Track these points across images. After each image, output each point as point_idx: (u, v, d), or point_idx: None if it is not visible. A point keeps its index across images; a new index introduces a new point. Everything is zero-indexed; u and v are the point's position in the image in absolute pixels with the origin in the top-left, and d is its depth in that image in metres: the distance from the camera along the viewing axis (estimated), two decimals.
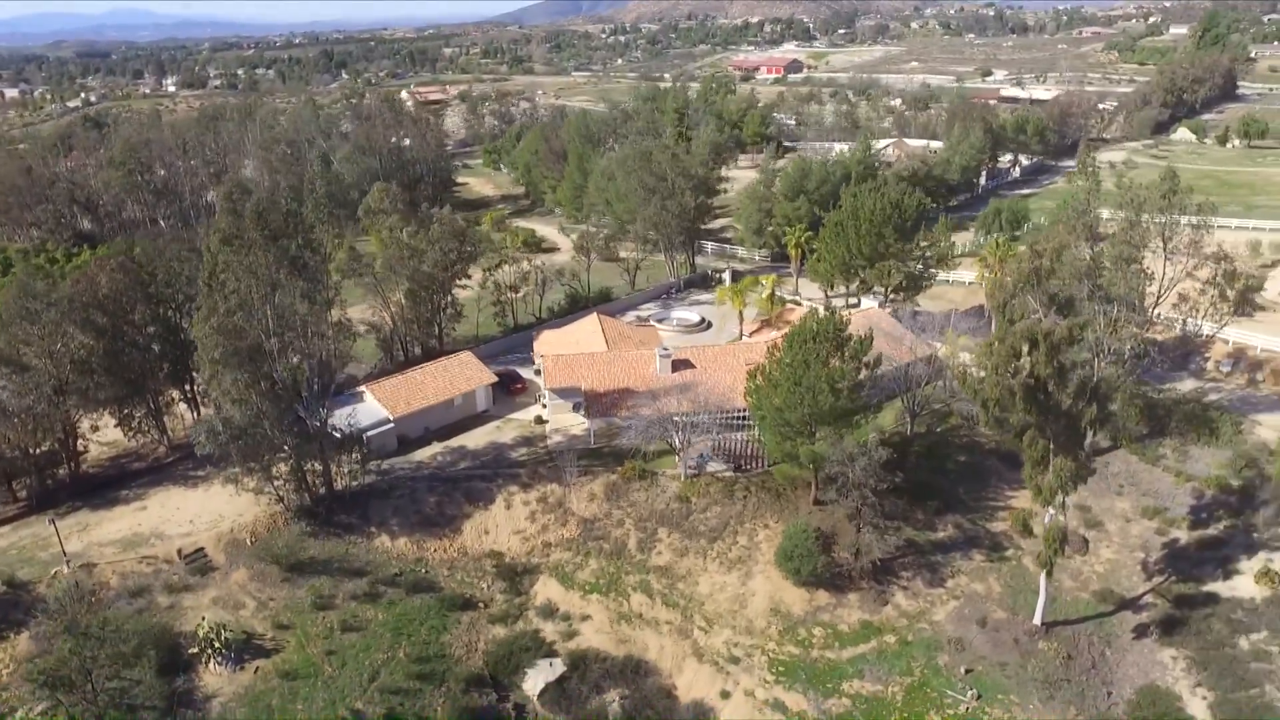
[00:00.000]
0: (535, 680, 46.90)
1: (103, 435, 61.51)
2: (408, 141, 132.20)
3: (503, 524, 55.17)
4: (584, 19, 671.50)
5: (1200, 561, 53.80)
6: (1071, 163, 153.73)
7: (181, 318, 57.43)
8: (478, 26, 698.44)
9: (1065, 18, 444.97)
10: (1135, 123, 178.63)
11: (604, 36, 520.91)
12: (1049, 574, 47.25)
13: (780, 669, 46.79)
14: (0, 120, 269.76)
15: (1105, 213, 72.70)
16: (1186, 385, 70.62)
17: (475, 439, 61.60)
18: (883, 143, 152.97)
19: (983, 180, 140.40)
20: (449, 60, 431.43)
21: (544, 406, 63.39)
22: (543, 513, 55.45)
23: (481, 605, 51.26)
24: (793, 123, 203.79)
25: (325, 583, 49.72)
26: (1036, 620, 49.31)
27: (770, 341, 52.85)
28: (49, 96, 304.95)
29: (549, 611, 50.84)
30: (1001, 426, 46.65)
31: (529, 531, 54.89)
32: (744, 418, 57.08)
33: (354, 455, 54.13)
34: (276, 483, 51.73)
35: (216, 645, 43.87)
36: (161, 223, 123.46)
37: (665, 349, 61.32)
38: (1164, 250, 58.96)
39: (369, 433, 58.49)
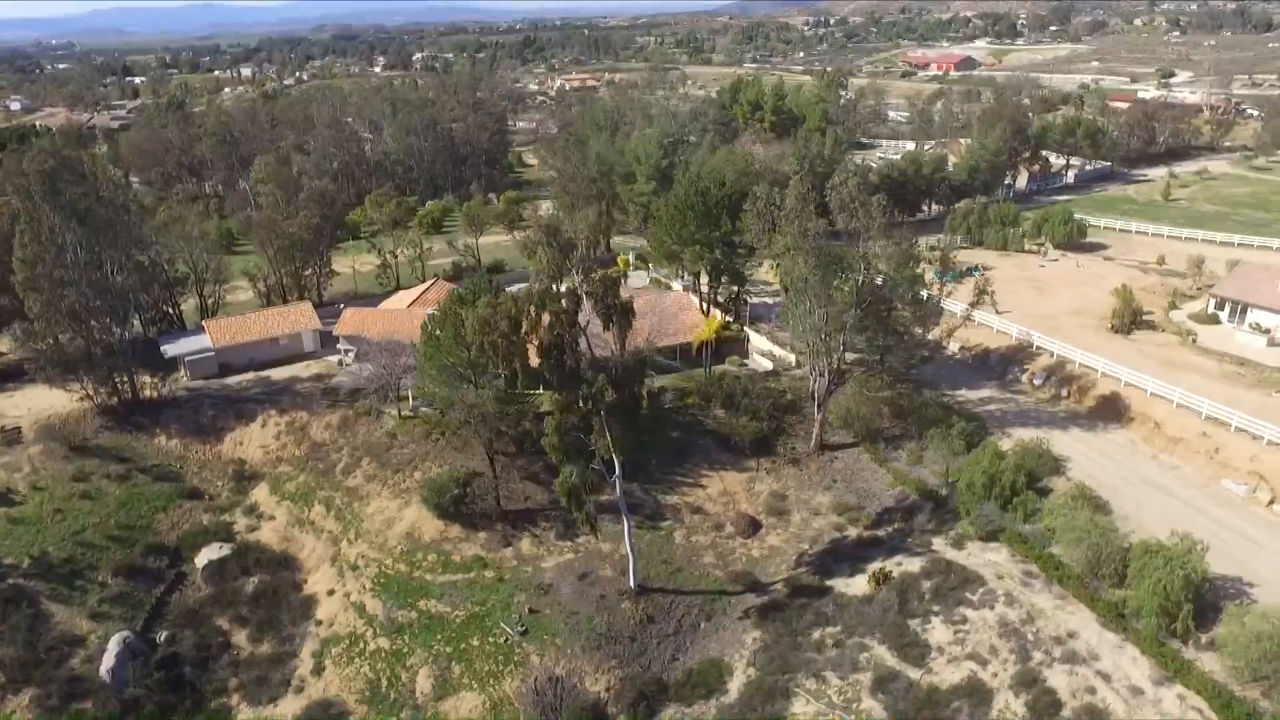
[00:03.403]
0: (204, 557, 57.02)
1: None
2: (455, 125, 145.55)
3: (255, 439, 65.77)
4: (799, 11, 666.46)
5: (846, 558, 54.80)
6: (1148, 172, 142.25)
7: None
8: (692, 17, 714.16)
9: None
10: (1272, 131, 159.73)
11: (804, 29, 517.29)
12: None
13: (381, 580, 53.98)
14: (229, 95, 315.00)
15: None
16: (982, 393, 68.99)
17: (282, 373, 72.51)
18: (933, 142, 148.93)
19: (1022, 182, 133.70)
20: (637, 49, 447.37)
21: (349, 352, 73.15)
22: (287, 434, 65.48)
23: (207, 498, 62.25)
24: (902, 119, 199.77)
25: (93, 463, 62.44)
26: (631, 583, 52.87)
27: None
28: (272, 76, 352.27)
29: (250, 510, 60.95)
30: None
31: (271, 447, 65.12)
32: None
33: (157, 374, 66.71)
34: (88, 383, 65.03)
35: None
36: (246, 186, 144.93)
37: (435, 311, 69.02)
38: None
39: (192, 357, 71.17)
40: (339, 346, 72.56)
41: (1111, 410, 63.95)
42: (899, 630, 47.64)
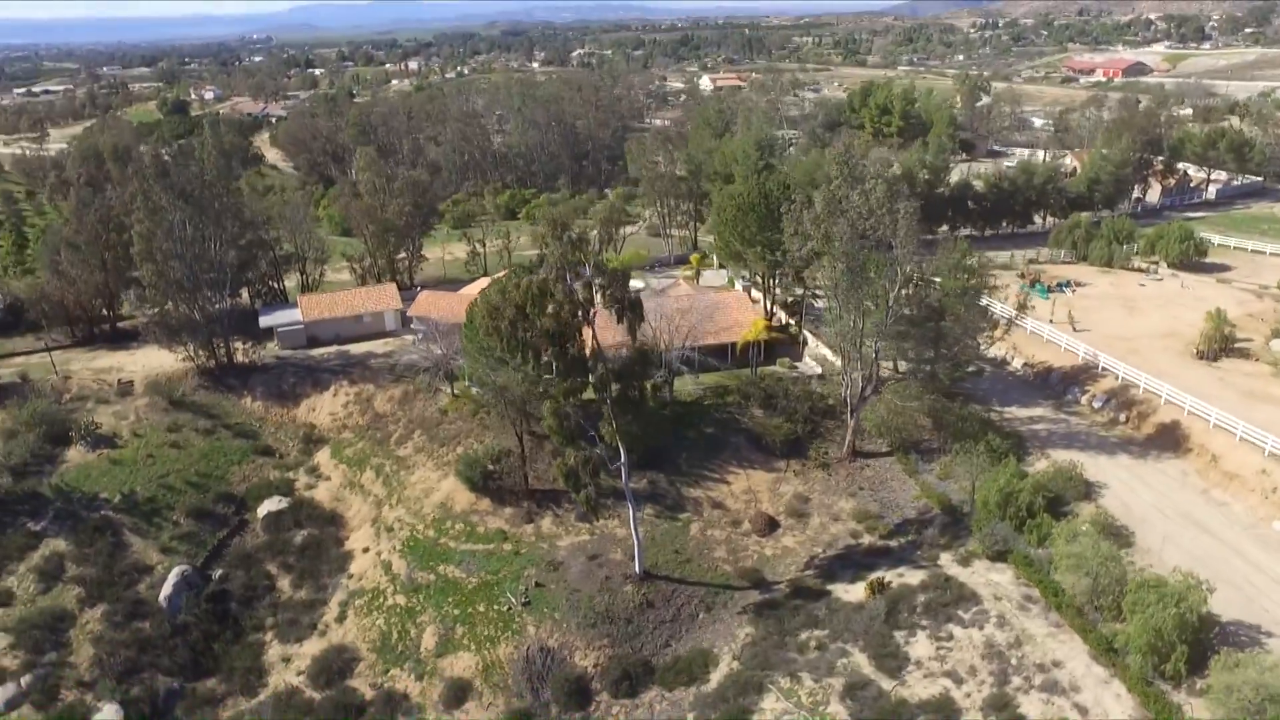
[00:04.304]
0: (265, 508, 63.19)
1: None
2: (578, 121, 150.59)
3: (326, 406, 71.80)
4: (969, 12, 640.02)
5: (853, 565, 54.88)
6: None
7: None
8: (855, 17, 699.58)
9: None
10: None
11: (969, 31, 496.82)
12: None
13: (410, 544, 58.20)
14: (394, 87, 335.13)
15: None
16: (1033, 411, 66.83)
17: (362, 347, 78.47)
18: (1062, 151, 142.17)
19: (1154, 196, 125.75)
20: (792, 49, 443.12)
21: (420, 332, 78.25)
22: (354, 403, 71.14)
23: (278, 456, 68.62)
24: (1039, 125, 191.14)
25: (185, 417, 70.04)
26: (636, 569, 54.80)
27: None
28: (435, 70, 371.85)
29: (312, 470, 66.82)
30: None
31: (339, 415, 70.93)
32: None
33: (248, 342, 74.13)
34: (190, 346, 72.84)
35: (82, 433, 66.07)
36: (418, 173, 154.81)
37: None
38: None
39: (283, 328, 78.25)
40: (412, 326, 77.85)
41: (1169, 439, 60.60)
42: (882, 640, 47.50)
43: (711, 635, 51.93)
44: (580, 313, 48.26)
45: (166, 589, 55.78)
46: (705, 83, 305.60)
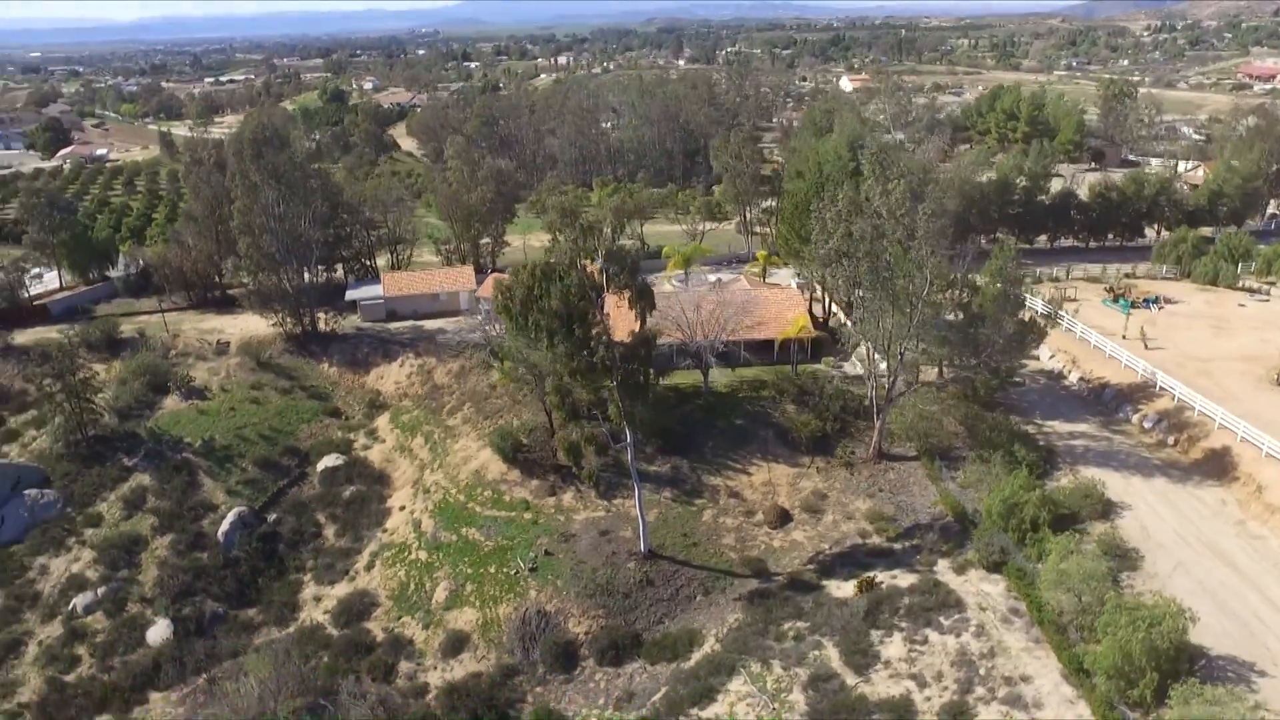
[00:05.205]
0: (324, 463, 69.18)
1: None
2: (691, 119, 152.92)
3: (391, 375, 77.38)
4: (1145, 14, 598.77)
5: (852, 563, 55.25)
6: None
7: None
8: (1021, 19, 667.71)
9: None
10: None
11: (1141, 34, 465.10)
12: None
13: (442, 505, 62.51)
14: (542, 79, 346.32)
15: None
16: (1076, 427, 64.78)
17: (435, 324, 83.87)
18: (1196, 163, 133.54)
19: None
20: (945, 52, 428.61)
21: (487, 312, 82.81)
22: (416, 374, 76.38)
23: (344, 417, 74.69)
24: (1191, 134, 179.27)
25: (268, 377, 77.20)
26: (641, 547, 57.00)
27: None
28: (584, 64, 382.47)
29: (370, 432, 72.41)
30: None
31: (402, 384, 76.33)
32: None
33: (330, 312, 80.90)
34: (280, 314, 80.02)
35: (178, 385, 74.12)
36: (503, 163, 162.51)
37: None
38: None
39: (365, 302, 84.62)
40: (480, 306, 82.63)
41: (1215, 465, 57.47)
42: (856, 637, 47.85)
43: (704, 617, 53.54)
44: (589, 296, 50.97)
45: (224, 526, 62.27)
46: (845, 83, 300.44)
